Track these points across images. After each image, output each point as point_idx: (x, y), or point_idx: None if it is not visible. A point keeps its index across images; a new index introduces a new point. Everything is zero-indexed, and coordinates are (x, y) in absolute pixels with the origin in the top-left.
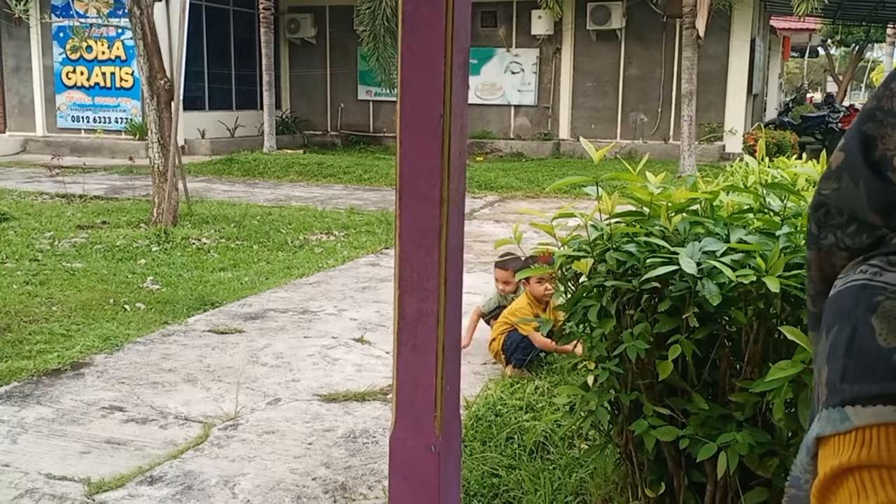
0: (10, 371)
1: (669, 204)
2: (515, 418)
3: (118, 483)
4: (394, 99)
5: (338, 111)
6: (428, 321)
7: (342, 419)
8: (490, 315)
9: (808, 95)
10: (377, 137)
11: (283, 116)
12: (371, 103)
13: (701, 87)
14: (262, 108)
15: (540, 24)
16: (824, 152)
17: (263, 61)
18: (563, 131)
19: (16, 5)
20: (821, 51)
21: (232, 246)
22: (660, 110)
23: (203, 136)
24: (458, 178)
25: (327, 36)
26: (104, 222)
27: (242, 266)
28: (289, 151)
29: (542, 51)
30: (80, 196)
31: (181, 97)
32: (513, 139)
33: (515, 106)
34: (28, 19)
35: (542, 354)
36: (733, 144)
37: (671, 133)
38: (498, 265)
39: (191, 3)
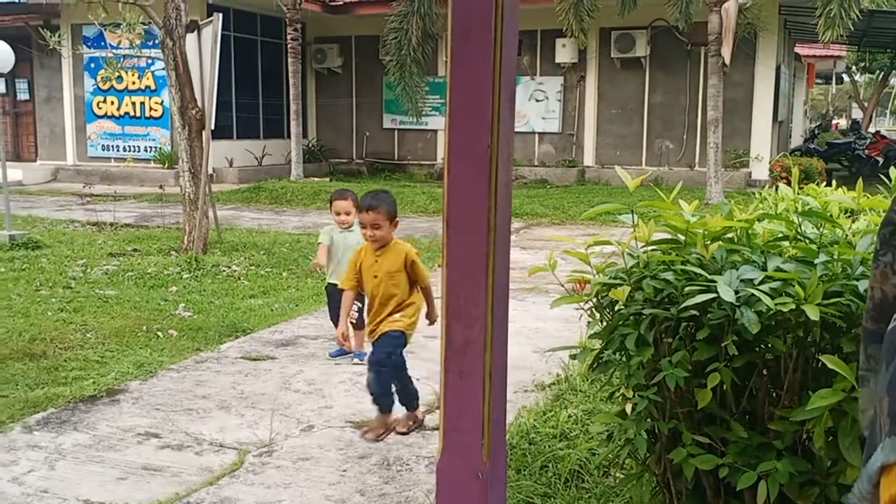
0: (47, 397)
1: (705, 232)
2: (549, 447)
3: None
4: (418, 127)
5: (363, 139)
6: (475, 348)
7: (375, 446)
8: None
9: (834, 122)
10: (402, 165)
11: (310, 145)
12: (396, 131)
13: (726, 114)
14: (289, 136)
15: (564, 53)
16: (861, 180)
17: (291, 91)
18: (588, 158)
19: (50, 37)
20: (845, 77)
21: (262, 273)
22: (685, 137)
23: (231, 165)
24: (505, 207)
25: (353, 65)
26: (135, 250)
27: (272, 293)
28: (315, 179)
29: (567, 78)
30: (111, 224)
31: (212, 126)
32: (537, 166)
33: (540, 133)
34: (61, 50)
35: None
36: (759, 171)
37: (697, 160)
38: (338, 196)
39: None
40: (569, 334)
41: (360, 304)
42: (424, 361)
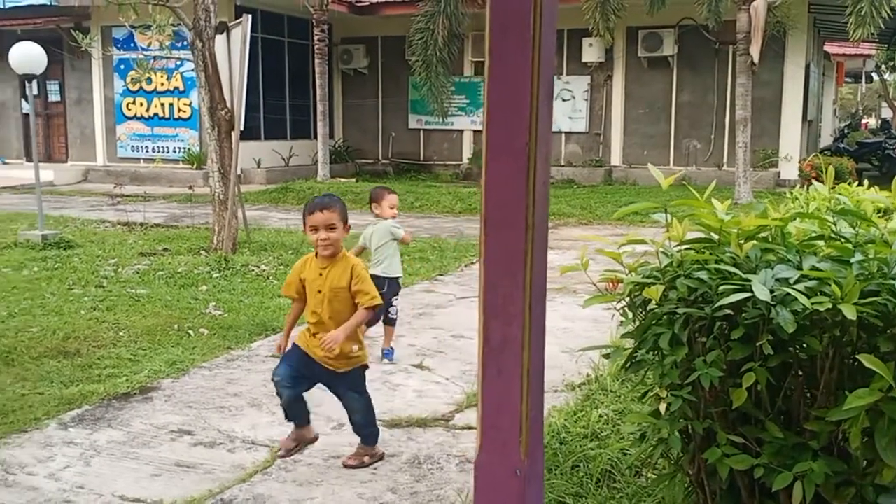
0: (82, 395)
1: (739, 231)
2: (580, 446)
3: None
4: (444, 127)
5: (389, 140)
6: (513, 346)
7: (406, 445)
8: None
9: (863, 121)
10: (427, 165)
11: (336, 145)
12: (421, 132)
13: (755, 114)
14: (315, 137)
15: (591, 52)
16: (895, 179)
17: (318, 92)
18: (615, 158)
19: (82, 38)
20: (875, 76)
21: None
22: (713, 137)
23: (259, 166)
24: (543, 205)
25: (379, 66)
26: (165, 249)
27: None
28: (342, 180)
29: (594, 78)
30: (141, 224)
31: (241, 127)
32: (564, 166)
33: (566, 133)
34: (92, 52)
35: None
36: (789, 171)
37: (725, 160)
38: (391, 191)
39: None
40: (598, 334)
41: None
42: (453, 360)
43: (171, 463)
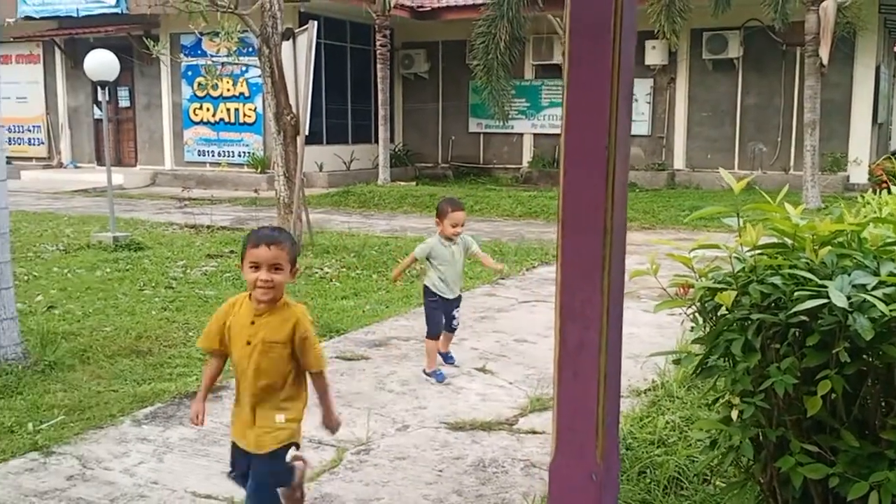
0: (154, 393)
1: (814, 236)
2: (647, 452)
3: None
4: (504, 131)
5: (449, 144)
6: (590, 350)
7: (470, 448)
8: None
9: None
10: (487, 169)
11: (396, 149)
12: (482, 135)
13: (823, 116)
14: (376, 141)
15: (654, 55)
16: None
17: (379, 96)
18: (678, 161)
19: (153, 45)
20: None
21: (352, 275)
22: (779, 140)
23: (321, 170)
24: (621, 208)
25: (440, 70)
26: (232, 252)
27: (363, 294)
28: (402, 184)
29: (656, 81)
30: (208, 227)
31: (306, 132)
32: None
33: None
34: (163, 59)
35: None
36: (858, 175)
37: (792, 163)
38: (456, 207)
39: None
40: (662, 340)
41: (456, 300)
42: (516, 364)
43: None
